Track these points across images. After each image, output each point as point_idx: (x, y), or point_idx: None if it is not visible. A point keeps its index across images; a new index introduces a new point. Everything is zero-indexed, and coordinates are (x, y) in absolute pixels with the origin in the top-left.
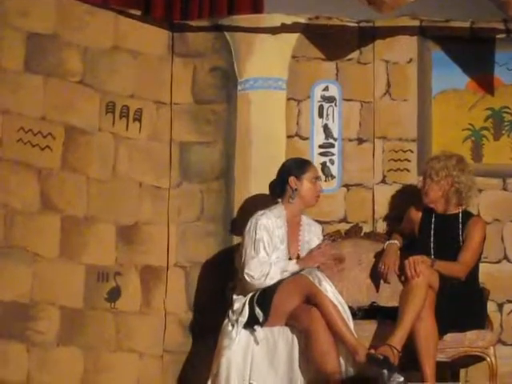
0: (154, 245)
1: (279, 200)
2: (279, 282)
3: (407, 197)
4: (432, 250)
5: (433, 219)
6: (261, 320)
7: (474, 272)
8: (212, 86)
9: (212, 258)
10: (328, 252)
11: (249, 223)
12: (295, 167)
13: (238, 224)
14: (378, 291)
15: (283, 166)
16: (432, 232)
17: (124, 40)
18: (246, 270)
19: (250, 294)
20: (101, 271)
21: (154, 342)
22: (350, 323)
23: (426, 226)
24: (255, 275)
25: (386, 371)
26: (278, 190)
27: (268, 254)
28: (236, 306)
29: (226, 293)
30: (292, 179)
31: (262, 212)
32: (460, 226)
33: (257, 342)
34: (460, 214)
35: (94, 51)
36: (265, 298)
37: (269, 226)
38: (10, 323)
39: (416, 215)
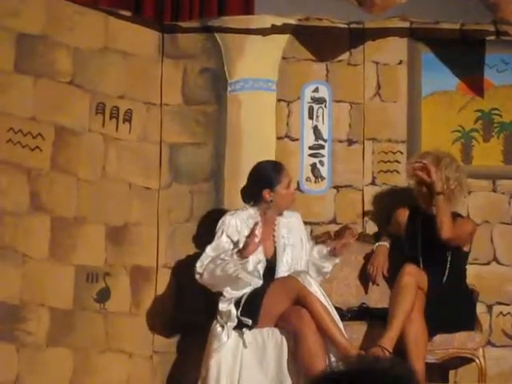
0: (144, 246)
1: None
2: (267, 286)
3: (397, 198)
4: (420, 251)
5: (420, 219)
6: (250, 324)
7: (462, 273)
8: (202, 87)
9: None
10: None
11: (219, 222)
12: (268, 179)
13: None
14: (366, 293)
15: (254, 175)
16: (419, 232)
17: (114, 41)
18: (197, 264)
19: (236, 299)
20: (90, 272)
21: (143, 343)
22: (340, 325)
23: (412, 227)
24: (200, 270)
25: None
26: (250, 198)
27: (225, 254)
28: (220, 306)
29: (216, 293)
30: (266, 192)
31: (232, 212)
32: None
33: (245, 346)
34: None
35: (84, 52)
36: (252, 303)
37: (237, 225)
38: None
39: (402, 216)
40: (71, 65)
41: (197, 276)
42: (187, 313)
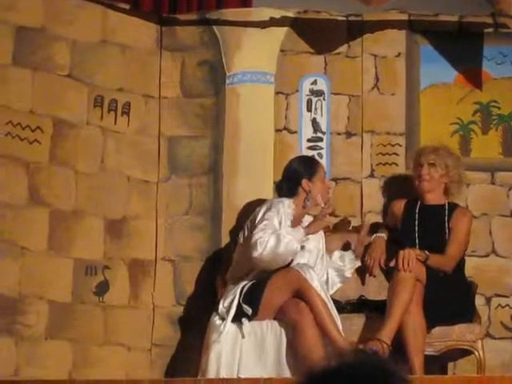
0: (143, 239)
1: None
2: (268, 277)
3: (395, 191)
4: (417, 241)
5: (417, 210)
6: (249, 314)
7: (460, 265)
8: (200, 79)
9: (200, 252)
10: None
11: (266, 204)
12: (306, 169)
13: (226, 218)
14: (363, 284)
15: (292, 167)
16: (416, 223)
17: (112, 34)
18: (257, 236)
19: (240, 287)
20: (89, 265)
21: (142, 336)
22: (338, 321)
23: (409, 218)
24: (261, 248)
25: None
26: (287, 191)
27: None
28: (228, 300)
29: (215, 286)
30: (305, 182)
31: (279, 199)
32: (446, 217)
33: (243, 336)
34: (446, 205)
35: (82, 45)
36: (253, 294)
37: (283, 212)
38: None
39: (398, 208)
40: (69, 58)
41: (256, 254)
42: (186, 305)
